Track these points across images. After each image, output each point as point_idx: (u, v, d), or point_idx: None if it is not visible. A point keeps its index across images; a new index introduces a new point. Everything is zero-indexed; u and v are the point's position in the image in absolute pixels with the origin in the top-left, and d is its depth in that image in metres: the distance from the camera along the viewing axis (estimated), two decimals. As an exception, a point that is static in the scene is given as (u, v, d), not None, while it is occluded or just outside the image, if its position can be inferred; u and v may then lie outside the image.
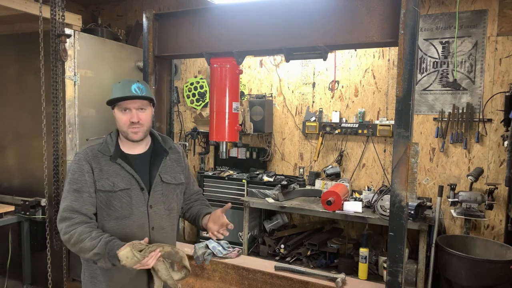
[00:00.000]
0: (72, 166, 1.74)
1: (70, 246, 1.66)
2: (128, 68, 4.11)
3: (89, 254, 1.61)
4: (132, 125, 1.74)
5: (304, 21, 2.13)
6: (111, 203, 1.71)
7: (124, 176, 1.74)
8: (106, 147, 1.77)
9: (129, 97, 1.73)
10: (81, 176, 1.70)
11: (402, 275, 1.90)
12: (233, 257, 2.47)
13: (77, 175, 1.71)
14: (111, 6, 5.61)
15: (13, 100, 3.65)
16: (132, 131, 1.75)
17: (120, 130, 1.78)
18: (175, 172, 1.90)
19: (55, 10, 2.83)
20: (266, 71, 4.79)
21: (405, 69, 1.84)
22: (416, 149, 1.86)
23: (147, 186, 1.78)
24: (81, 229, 1.64)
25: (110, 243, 1.60)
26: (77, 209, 1.67)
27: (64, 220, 1.66)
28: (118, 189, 1.71)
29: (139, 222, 1.75)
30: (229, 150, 4.62)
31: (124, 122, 1.74)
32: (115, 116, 1.78)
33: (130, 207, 1.73)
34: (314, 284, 2.16)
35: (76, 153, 1.78)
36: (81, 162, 1.72)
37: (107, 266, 1.62)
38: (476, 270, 3.18)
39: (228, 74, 2.37)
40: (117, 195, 1.71)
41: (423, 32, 3.98)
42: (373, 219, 3.55)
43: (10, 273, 3.43)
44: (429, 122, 4.05)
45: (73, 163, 1.75)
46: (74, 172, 1.72)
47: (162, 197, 1.83)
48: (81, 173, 1.70)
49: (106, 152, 1.75)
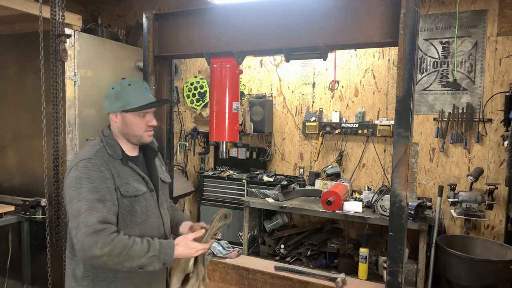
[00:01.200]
0: (88, 173, 1.58)
1: (113, 258, 1.51)
2: (128, 68, 4.11)
3: (142, 260, 1.54)
4: (148, 129, 1.76)
5: (304, 21, 2.13)
6: (134, 209, 1.66)
7: (137, 179, 1.71)
8: (113, 150, 1.69)
9: (158, 104, 1.77)
10: (102, 183, 1.58)
11: (402, 275, 1.90)
12: (233, 257, 2.47)
13: (97, 183, 1.57)
14: (111, 6, 5.61)
15: (13, 100, 3.65)
16: (148, 134, 1.77)
17: (131, 134, 1.73)
18: (164, 171, 1.95)
19: (55, 10, 2.83)
20: (266, 71, 4.79)
21: (405, 69, 1.84)
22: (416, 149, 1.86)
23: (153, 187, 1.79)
24: (121, 238, 1.54)
25: (164, 243, 1.61)
26: (108, 220, 1.55)
27: (98, 233, 1.50)
28: (141, 193, 1.69)
29: (155, 224, 1.76)
30: (229, 150, 4.62)
31: (141, 126, 1.73)
32: (127, 120, 1.71)
33: (147, 210, 1.72)
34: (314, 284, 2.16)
35: (86, 158, 1.61)
36: (99, 168, 1.60)
37: (159, 267, 1.61)
38: (476, 270, 3.18)
39: (228, 74, 2.37)
40: (138, 200, 1.68)
41: (423, 32, 3.98)
42: (373, 219, 3.55)
43: (10, 273, 3.43)
44: (429, 122, 4.05)
45: (85, 169, 1.58)
46: (92, 180, 1.57)
47: (164, 197, 1.87)
48: (101, 180, 1.58)
49: (116, 156, 1.69)
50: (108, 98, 1.73)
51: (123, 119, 1.72)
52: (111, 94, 1.72)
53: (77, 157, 1.67)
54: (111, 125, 1.77)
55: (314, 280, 2.17)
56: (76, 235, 1.51)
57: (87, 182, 1.56)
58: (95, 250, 1.49)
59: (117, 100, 1.70)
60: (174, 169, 3.04)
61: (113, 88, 1.73)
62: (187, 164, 5.35)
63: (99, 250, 1.49)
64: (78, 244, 1.51)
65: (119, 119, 1.72)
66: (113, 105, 1.71)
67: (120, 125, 1.73)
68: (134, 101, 1.70)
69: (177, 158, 5.31)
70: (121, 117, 1.72)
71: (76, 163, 1.61)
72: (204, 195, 4.76)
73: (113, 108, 1.72)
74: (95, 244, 1.49)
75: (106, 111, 1.75)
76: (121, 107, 1.70)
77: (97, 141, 1.73)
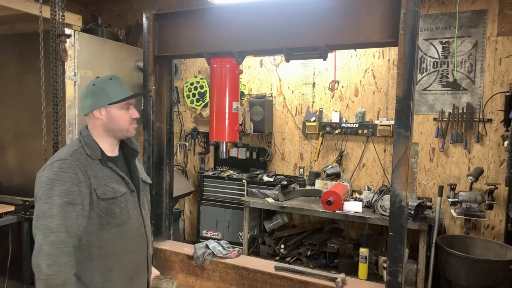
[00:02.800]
0: (61, 174, 1.52)
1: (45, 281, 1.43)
2: (128, 68, 4.11)
3: None
4: (133, 122, 1.75)
5: (304, 21, 2.13)
6: (112, 210, 1.62)
7: (117, 180, 1.67)
8: (92, 150, 1.64)
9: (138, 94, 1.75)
10: (74, 186, 1.52)
11: (402, 275, 1.90)
12: (233, 257, 2.47)
13: (69, 185, 1.51)
14: (111, 6, 5.61)
15: (13, 100, 3.65)
16: (133, 127, 1.76)
17: (118, 128, 1.71)
18: (144, 172, 1.92)
19: (55, 10, 2.83)
20: (266, 71, 4.79)
21: (405, 69, 1.84)
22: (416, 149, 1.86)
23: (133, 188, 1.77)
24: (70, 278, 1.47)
25: None
26: (69, 229, 1.49)
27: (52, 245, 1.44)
28: (119, 195, 1.65)
29: (136, 225, 1.73)
30: (229, 150, 4.62)
31: (127, 119, 1.72)
32: (113, 114, 1.69)
33: (127, 211, 1.68)
34: (314, 284, 2.16)
35: (62, 159, 1.56)
36: (74, 170, 1.54)
37: None
38: (476, 270, 3.18)
39: (228, 74, 2.37)
40: (117, 201, 1.64)
41: (423, 32, 3.98)
42: (373, 219, 3.55)
43: (10, 273, 3.43)
44: (429, 122, 4.05)
45: (59, 170, 1.53)
46: (64, 182, 1.51)
47: (145, 198, 1.85)
48: (72, 183, 1.52)
49: (95, 156, 1.63)
50: (89, 95, 1.69)
51: (108, 114, 1.69)
52: (93, 90, 1.69)
53: (53, 156, 1.62)
54: (91, 125, 1.72)
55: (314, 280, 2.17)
56: (36, 236, 1.46)
57: (59, 184, 1.51)
58: (44, 263, 1.43)
59: (101, 94, 1.68)
60: (174, 169, 3.04)
61: (94, 85, 1.70)
62: (187, 164, 5.35)
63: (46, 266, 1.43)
64: (36, 246, 1.45)
65: (104, 114, 1.69)
66: (98, 100, 1.68)
67: (105, 120, 1.69)
68: (119, 93, 1.70)
69: (177, 158, 5.31)
70: (106, 112, 1.69)
71: (52, 163, 1.56)
72: (204, 195, 4.76)
73: (97, 104, 1.68)
74: (48, 257, 1.44)
75: (88, 109, 1.70)
76: (107, 100, 1.67)
77: (75, 141, 1.69)
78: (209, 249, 2.51)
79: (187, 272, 2.54)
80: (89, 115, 1.71)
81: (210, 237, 4.56)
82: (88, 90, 1.71)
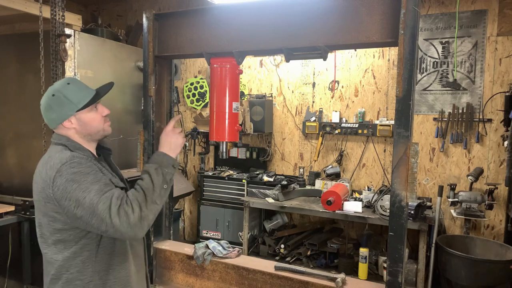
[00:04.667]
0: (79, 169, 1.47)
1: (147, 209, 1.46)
2: (128, 68, 4.11)
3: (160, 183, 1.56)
4: (106, 120, 1.69)
5: (304, 21, 2.13)
6: None
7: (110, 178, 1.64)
8: (85, 152, 1.60)
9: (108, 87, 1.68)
10: (97, 173, 1.50)
11: (402, 275, 1.90)
12: (233, 257, 2.46)
13: (93, 174, 1.48)
14: (111, 6, 5.61)
15: (13, 100, 3.65)
16: (108, 124, 1.70)
17: (94, 131, 1.65)
18: None
19: (55, 10, 2.83)
20: (266, 71, 4.79)
21: (405, 69, 1.84)
22: (416, 149, 1.86)
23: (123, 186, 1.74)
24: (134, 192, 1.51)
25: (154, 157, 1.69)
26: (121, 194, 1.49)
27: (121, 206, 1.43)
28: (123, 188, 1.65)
29: None
30: (229, 150, 4.62)
31: (99, 119, 1.66)
32: (85, 119, 1.61)
33: None
34: (314, 284, 2.16)
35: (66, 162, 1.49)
36: (87, 163, 1.51)
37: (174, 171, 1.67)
38: (476, 270, 3.18)
39: (228, 74, 2.36)
40: None
41: (423, 32, 3.98)
42: (373, 219, 3.55)
43: (10, 273, 3.43)
44: (429, 122, 4.05)
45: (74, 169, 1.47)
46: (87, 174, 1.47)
47: None
48: (95, 171, 1.50)
49: (90, 158, 1.58)
50: (53, 108, 1.59)
51: (79, 121, 1.60)
52: (55, 101, 1.59)
53: (51, 165, 1.50)
54: (65, 134, 1.62)
55: (314, 280, 2.17)
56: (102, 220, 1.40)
57: (84, 177, 1.45)
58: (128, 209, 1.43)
59: (65, 103, 1.58)
60: (174, 169, 3.04)
61: (53, 95, 1.59)
62: (187, 164, 5.35)
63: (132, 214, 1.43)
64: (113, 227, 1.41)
65: (75, 122, 1.60)
66: (64, 110, 1.58)
67: (78, 128, 1.61)
68: (82, 97, 1.61)
69: (177, 158, 5.30)
70: (76, 119, 1.60)
71: (58, 169, 1.47)
72: (204, 195, 4.76)
73: (65, 114, 1.58)
74: (126, 214, 1.42)
75: (56, 122, 1.61)
76: (73, 108, 1.58)
77: (59, 148, 1.58)
78: (209, 249, 2.51)
79: (187, 272, 2.54)
80: (59, 127, 1.62)
81: (210, 237, 4.56)
82: (49, 102, 1.60)
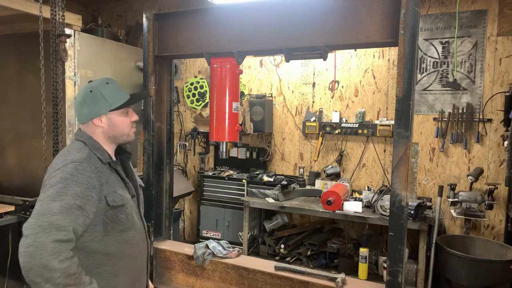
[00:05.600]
0: (77, 175, 1.46)
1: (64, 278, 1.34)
2: (128, 68, 4.11)
3: None
4: (133, 125, 1.72)
5: (304, 21, 2.13)
6: (117, 217, 1.58)
7: (121, 186, 1.64)
8: (102, 154, 1.60)
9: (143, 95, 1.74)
10: (87, 190, 1.47)
11: (402, 275, 1.90)
12: (233, 257, 2.46)
13: (83, 188, 1.45)
14: (111, 6, 5.61)
15: (13, 100, 3.65)
16: (133, 131, 1.73)
17: (120, 133, 1.67)
18: (136, 174, 1.86)
19: (55, 10, 2.83)
20: (266, 71, 4.79)
21: (405, 69, 1.84)
22: (416, 149, 1.86)
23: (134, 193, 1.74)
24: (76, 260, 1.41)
25: None
26: (75, 232, 1.42)
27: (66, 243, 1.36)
28: (126, 202, 1.62)
29: (139, 230, 1.71)
30: (229, 150, 4.62)
31: (127, 123, 1.69)
32: (115, 120, 1.64)
33: (132, 217, 1.65)
34: (314, 284, 2.16)
35: (76, 161, 1.50)
36: (89, 174, 1.49)
37: None
38: (476, 270, 3.18)
39: (228, 74, 2.37)
40: (124, 208, 1.61)
41: (423, 32, 3.98)
42: (373, 219, 3.55)
43: (10, 273, 3.43)
44: (429, 122, 4.05)
45: (75, 171, 1.47)
46: (79, 184, 1.45)
47: (142, 202, 1.83)
48: (87, 186, 1.47)
49: (105, 160, 1.60)
50: (87, 103, 1.61)
51: (109, 120, 1.63)
52: (91, 97, 1.61)
53: (64, 159, 1.52)
54: (89, 132, 1.65)
55: (314, 280, 2.17)
56: (35, 235, 1.31)
57: (73, 184, 1.44)
58: (55, 261, 1.31)
59: (101, 101, 1.61)
60: (174, 169, 3.04)
61: (91, 91, 1.62)
62: (187, 164, 5.35)
63: (58, 262, 1.31)
64: (33, 245, 1.30)
65: (104, 121, 1.63)
66: (97, 107, 1.61)
67: (106, 128, 1.64)
68: (118, 98, 1.64)
69: (177, 158, 5.31)
70: (107, 119, 1.63)
71: (65, 165, 1.48)
72: (204, 195, 4.76)
73: (98, 111, 1.61)
74: (58, 253, 1.32)
75: (86, 118, 1.63)
76: (107, 107, 1.62)
77: (80, 145, 1.60)
78: (209, 249, 2.51)
79: (187, 272, 2.54)
80: (88, 123, 1.64)
81: (210, 237, 4.56)
82: (85, 97, 1.62)
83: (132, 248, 1.66)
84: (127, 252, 1.63)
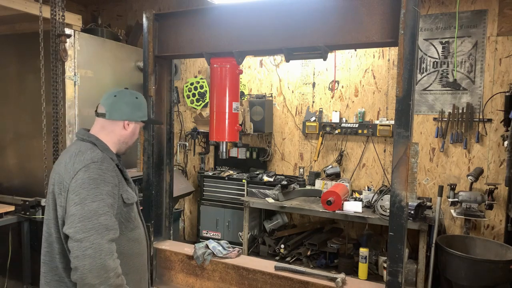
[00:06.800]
0: (103, 175, 1.50)
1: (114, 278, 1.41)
2: (128, 68, 4.11)
3: None
4: None
5: (304, 21, 2.13)
6: (129, 216, 1.65)
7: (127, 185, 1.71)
8: (111, 155, 1.65)
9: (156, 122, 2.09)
10: (114, 188, 1.53)
11: (402, 275, 1.90)
12: (233, 257, 2.47)
13: (111, 187, 1.51)
14: (111, 6, 5.61)
15: (13, 100, 3.65)
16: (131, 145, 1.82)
17: (129, 144, 1.76)
18: None
19: (55, 10, 2.83)
20: (266, 71, 4.79)
21: (405, 69, 1.84)
22: (416, 149, 1.86)
23: None
24: None
25: None
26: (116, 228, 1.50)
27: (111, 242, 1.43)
28: (135, 200, 1.70)
29: (143, 230, 1.78)
30: (229, 150, 4.62)
31: (136, 138, 1.78)
32: (136, 131, 1.74)
33: (137, 217, 1.74)
34: (314, 284, 2.16)
35: (97, 161, 1.53)
36: (111, 174, 1.54)
37: None
38: (476, 270, 3.18)
39: (228, 74, 2.37)
40: (133, 206, 1.68)
41: (423, 32, 3.98)
42: (373, 219, 3.55)
43: (10, 273, 3.43)
44: (429, 122, 4.05)
45: (100, 171, 1.51)
46: (108, 183, 1.50)
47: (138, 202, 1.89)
48: (113, 184, 1.53)
49: (114, 160, 1.64)
50: (130, 106, 1.69)
51: (134, 129, 1.73)
52: (135, 102, 1.70)
53: (81, 159, 1.53)
54: (108, 130, 1.67)
55: (314, 280, 2.17)
56: (90, 237, 1.37)
57: (104, 184, 1.48)
58: (110, 260, 1.38)
59: (139, 109, 1.72)
60: (174, 169, 3.04)
61: (137, 98, 1.72)
62: (187, 164, 5.35)
63: (113, 261, 1.40)
64: (91, 248, 1.36)
65: (130, 128, 1.71)
66: (135, 113, 1.70)
67: (127, 133, 1.71)
68: (146, 114, 1.77)
69: (177, 158, 5.31)
70: (134, 127, 1.72)
71: (86, 165, 1.50)
72: (204, 195, 4.76)
73: (133, 117, 1.70)
74: (112, 252, 1.40)
75: (121, 117, 1.67)
76: (141, 117, 1.73)
77: (89, 145, 1.61)
78: (209, 249, 2.51)
79: (187, 272, 2.54)
80: (118, 122, 1.69)
81: (210, 237, 4.56)
82: (132, 100, 1.71)
83: (140, 246, 1.71)
84: (136, 251, 1.68)
